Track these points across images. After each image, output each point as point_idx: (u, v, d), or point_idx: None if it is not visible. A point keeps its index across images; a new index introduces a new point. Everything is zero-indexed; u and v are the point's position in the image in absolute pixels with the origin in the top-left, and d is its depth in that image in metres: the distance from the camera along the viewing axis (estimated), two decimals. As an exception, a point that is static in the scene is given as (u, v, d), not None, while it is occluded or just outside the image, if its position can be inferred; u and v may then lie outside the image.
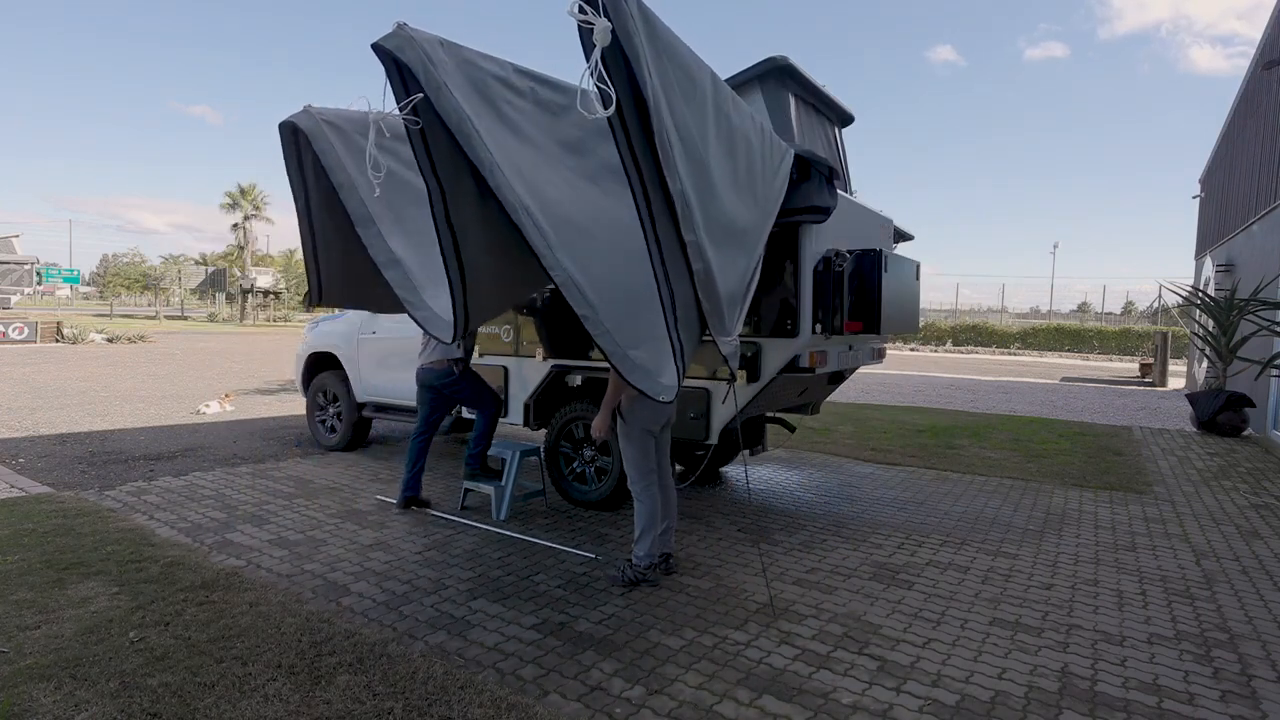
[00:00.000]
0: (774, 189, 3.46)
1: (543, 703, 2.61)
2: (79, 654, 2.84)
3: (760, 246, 3.35)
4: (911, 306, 5.14)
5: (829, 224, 4.15)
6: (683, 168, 2.34)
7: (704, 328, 2.92)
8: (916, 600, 3.65)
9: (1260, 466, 7.30)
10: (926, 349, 32.21)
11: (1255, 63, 11.80)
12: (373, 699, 2.59)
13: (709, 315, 2.80)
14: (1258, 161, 10.90)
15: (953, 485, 6.19)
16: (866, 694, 2.74)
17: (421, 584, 3.69)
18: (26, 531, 4.26)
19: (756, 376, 4.31)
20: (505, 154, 2.44)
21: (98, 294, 61.56)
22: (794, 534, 4.68)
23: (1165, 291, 36.96)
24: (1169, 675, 2.95)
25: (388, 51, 2.32)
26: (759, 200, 3.30)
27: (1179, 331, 24.63)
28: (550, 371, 5.20)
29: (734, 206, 2.92)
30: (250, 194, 42.08)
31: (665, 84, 2.20)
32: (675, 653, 3.02)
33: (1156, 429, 9.83)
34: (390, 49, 2.30)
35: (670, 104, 2.24)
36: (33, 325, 19.72)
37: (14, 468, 5.90)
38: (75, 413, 8.72)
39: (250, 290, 41.45)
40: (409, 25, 2.34)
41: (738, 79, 4.64)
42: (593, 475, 5.12)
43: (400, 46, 2.30)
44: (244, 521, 4.63)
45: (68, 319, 23.64)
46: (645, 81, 2.06)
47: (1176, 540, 4.76)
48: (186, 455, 6.57)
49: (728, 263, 2.86)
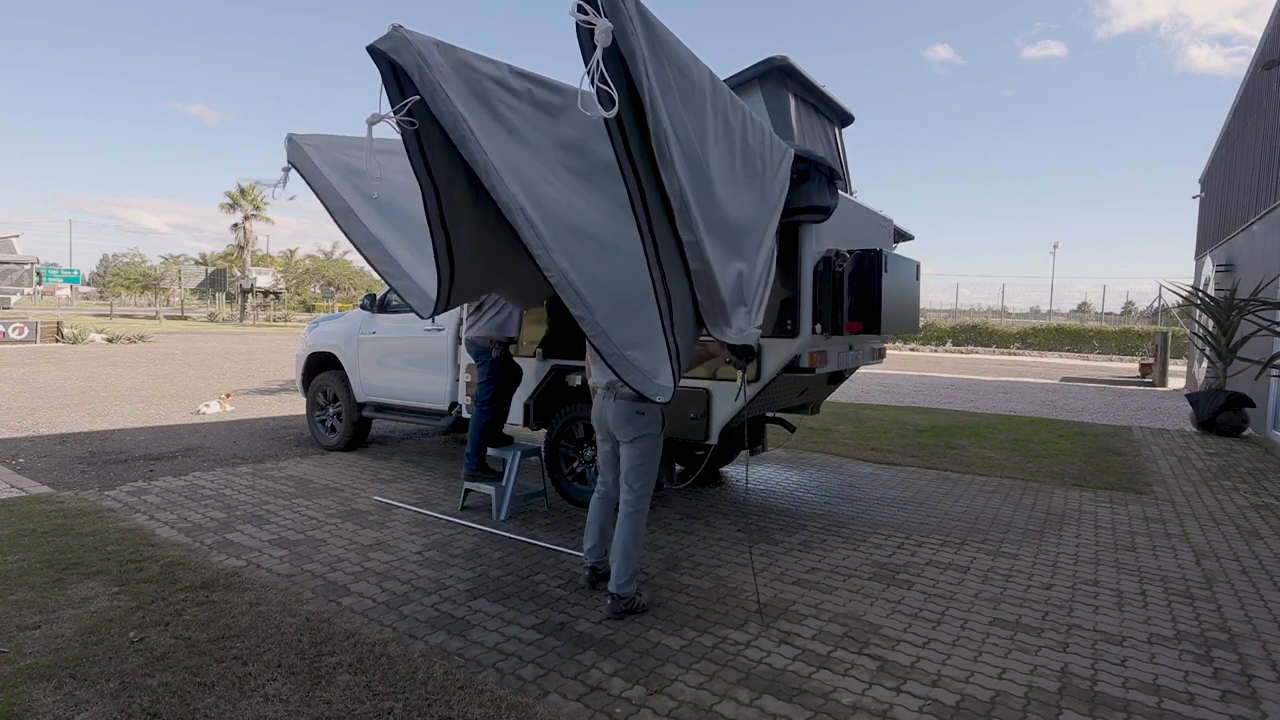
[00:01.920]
0: (776, 187, 3.47)
1: (543, 703, 2.61)
2: (79, 654, 2.84)
3: (768, 242, 3.38)
4: (911, 306, 5.14)
5: (829, 224, 4.15)
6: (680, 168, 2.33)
7: (701, 327, 2.92)
8: (916, 600, 3.65)
9: (1260, 466, 7.30)
10: (926, 349, 32.21)
11: (1255, 62, 11.80)
12: (373, 699, 2.59)
13: (708, 314, 2.80)
14: (1258, 161, 10.90)
15: (953, 485, 6.19)
16: (866, 694, 2.74)
17: (421, 584, 3.69)
18: (26, 531, 4.26)
19: (756, 376, 4.31)
20: (501, 155, 2.43)
21: (98, 294, 61.54)
22: (794, 534, 4.68)
23: (1165, 291, 36.95)
24: (1169, 675, 2.95)
25: (383, 53, 2.30)
26: (765, 197, 3.31)
27: (1179, 331, 24.64)
28: (550, 371, 5.20)
29: (735, 206, 2.92)
30: (250, 194, 42.05)
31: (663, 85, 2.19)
32: (675, 653, 3.02)
33: (1156, 429, 9.83)
34: (385, 50, 2.29)
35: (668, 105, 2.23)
36: (33, 325, 19.72)
37: (14, 468, 5.90)
38: (75, 413, 8.72)
39: (250, 290, 41.46)
40: (405, 27, 2.33)
41: (738, 79, 4.64)
42: (593, 475, 5.11)
43: (395, 48, 2.29)
44: (244, 521, 4.63)
45: (68, 319, 23.63)
46: (642, 83, 2.04)
47: (1176, 540, 4.76)
48: (186, 455, 6.57)
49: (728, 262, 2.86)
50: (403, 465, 6.40)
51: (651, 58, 2.10)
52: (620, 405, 3.31)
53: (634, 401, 3.26)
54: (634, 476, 3.37)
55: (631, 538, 3.34)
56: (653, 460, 3.38)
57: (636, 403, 3.26)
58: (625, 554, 3.32)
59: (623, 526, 3.37)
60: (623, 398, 3.29)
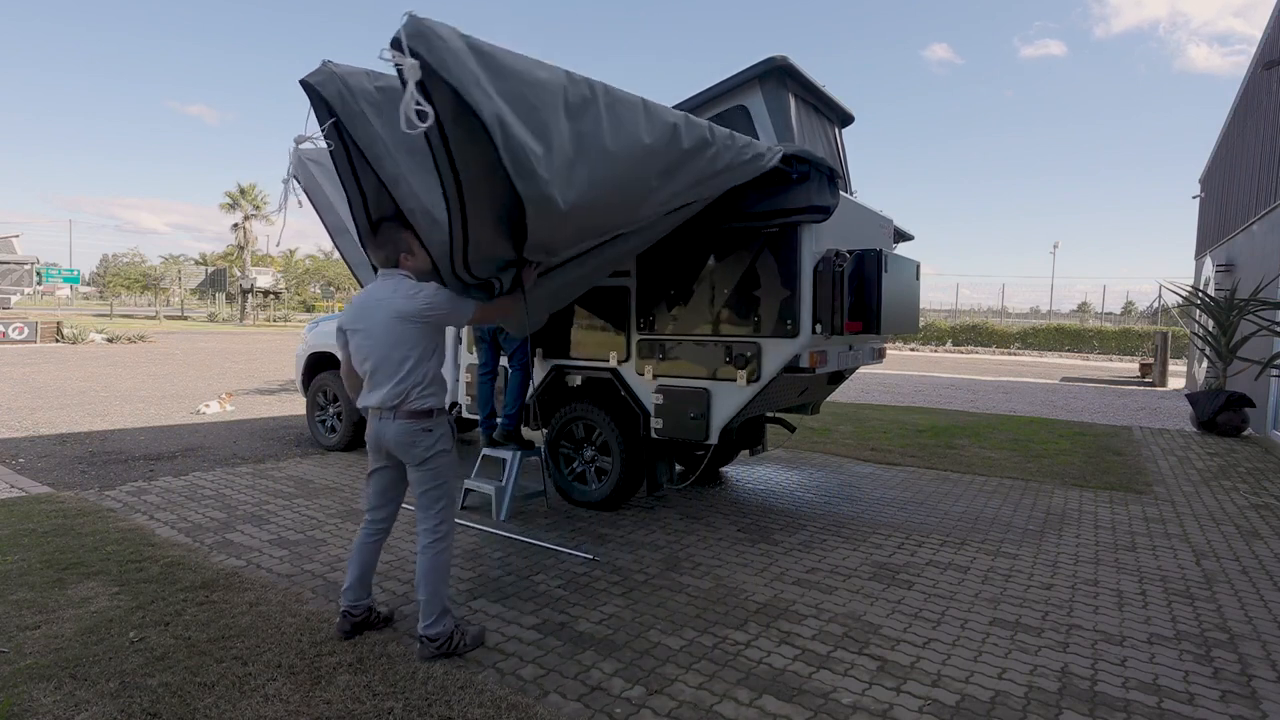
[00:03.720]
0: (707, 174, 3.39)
1: (543, 703, 2.61)
2: (79, 654, 2.84)
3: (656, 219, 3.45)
4: (911, 306, 5.14)
5: (829, 224, 4.15)
6: (544, 169, 2.47)
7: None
8: (916, 600, 3.65)
9: (1260, 466, 7.30)
10: (926, 349, 32.21)
11: (1255, 62, 11.80)
12: (373, 699, 2.59)
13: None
14: (1258, 161, 10.90)
15: (953, 485, 6.19)
16: (866, 694, 2.74)
17: (421, 584, 3.69)
18: (26, 531, 4.26)
19: (756, 376, 4.31)
20: (411, 166, 2.74)
21: (98, 294, 61.55)
22: (794, 534, 4.68)
23: (1165, 291, 36.97)
24: (1169, 675, 2.95)
25: (311, 86, 2.65)
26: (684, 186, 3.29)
27: (1179, 331, 24.64)
28: (550, 371, 5.21)
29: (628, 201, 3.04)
30: (250, 194, 42.07)
31: (507, 96, 2.35)
32: (675, 653, 3.02)
33: (1156, 429, 9.83)
34: (313, 84, 2.65)
35: (518, 113, 2.39)
36: (33, 325, 19.72)
37: (14, 468, 5.90)
38: (75, 413, 8.72)
39: (250, 290, 41.47)
40: (333, 62, 2.69)
41: (738, 79, 4.64)
42: (593, 475, 5.12)
43: (321, 82, 2.64)
44: (244, 521, 4.63)
45: (68, 319, 23.63)
46: (480, 104, 2.23)
47: (1176, 540, 4.76)
48: (186, 455, 6.57)
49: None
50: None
51: (491, 80, 2.30)
52: (401, 425, 2.89)
53: (417, 419, 2.91)
54: (431, 499, 2.97)
55: (436, 570, 2.93)
56: (449, 479, 3.03)
57: (421, 419, 2.91)
58: (432, 589, 2.90)
59: (425, 558, 2.94)
60: (403, 416, 2.89)
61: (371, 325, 2.91)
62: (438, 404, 2.98)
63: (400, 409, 2.89)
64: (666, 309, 4.63)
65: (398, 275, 2.95)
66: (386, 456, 3.03)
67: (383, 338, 2.88)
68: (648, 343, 4.71)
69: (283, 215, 3.06)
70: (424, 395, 2.92)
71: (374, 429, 2.97)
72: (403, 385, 2.88)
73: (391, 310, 2.86)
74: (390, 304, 2.87)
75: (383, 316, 2.88)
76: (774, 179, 4.02)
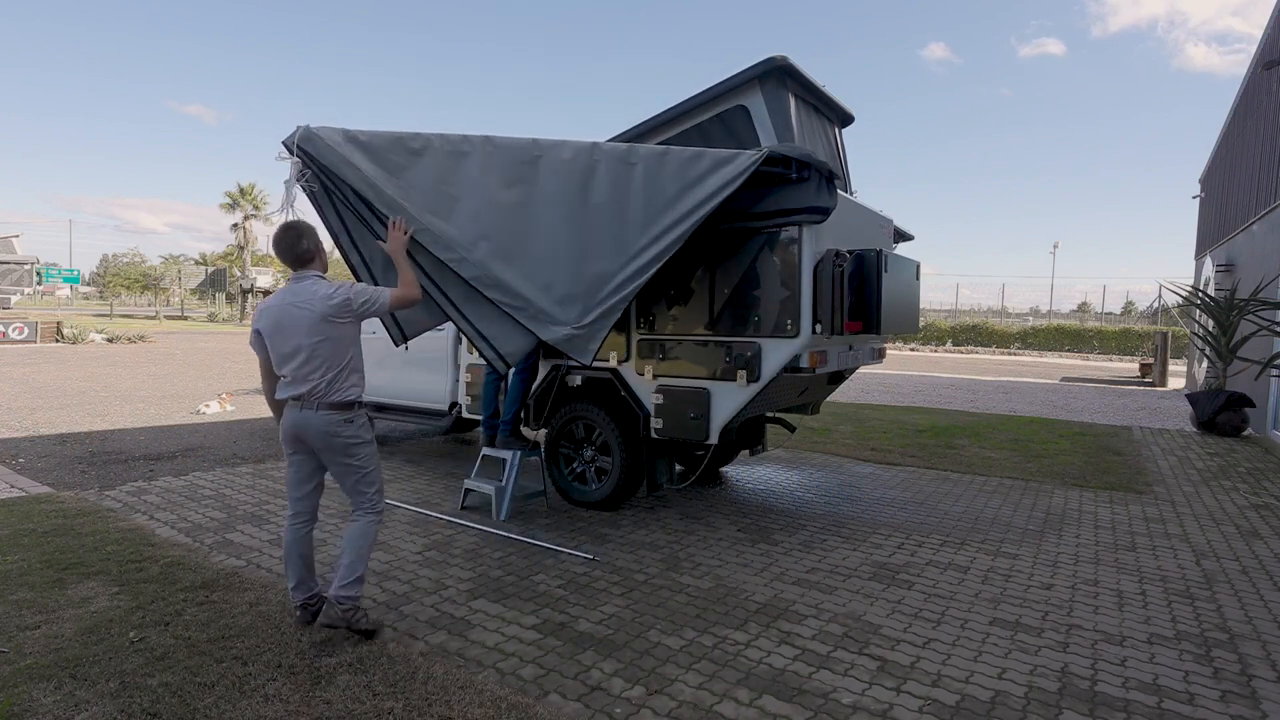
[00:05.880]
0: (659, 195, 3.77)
1: (543, 703, 2.61)
2: (79, 654, 2.84)
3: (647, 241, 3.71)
4: (911, 306, 5.14)
5: (829, 224, 4.15)
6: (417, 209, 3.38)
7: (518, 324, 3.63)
8: (916, 600, 3.65)
9: (1260, 466, 7.30)
10: (926, 349, 32.22)
11: (1255, 62, 11.80)
12: (373, 699, 2.59)
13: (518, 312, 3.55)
14: (1258, 161, 10.90)
15: (953, 485, 6.19)
16: (866, 694, 2.74)
17: (421, 584, 3.69)
18: (26, 531, 4.26)
19: (756, 376, 4.31)
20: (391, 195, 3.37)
21: (98, 294, 61.49)
22: (794, 534, 4.68)
23: (1165, 291, 36.95)
24: (1169, 675, 2.95)
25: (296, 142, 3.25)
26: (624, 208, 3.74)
27: (1179, 331, 24.64)
28: (550, 371, 5.20)
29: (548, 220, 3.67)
30: (250, 194, 42.07)
31: (389, 166, 3.38)
32: (675, 653, 3.02)
33: (1156, 429, 9.83)
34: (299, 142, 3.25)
35: (400, 180, 3.39)
36: (33, 325, 19.72)
37: (14, 468, 5.90)
38: (75, 413, 8.72)
39: (250, 290, 41.45)
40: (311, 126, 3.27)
41: (738, 79, 4.64)
42: (593, 475, 5.12)
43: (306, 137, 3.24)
44: (244, 521, 4.63)
45: (68, 319, 23.62)
46: (355, 176, 3.27)
47: (1176, 540, 4.76)
48: (186, 455, 6.57)
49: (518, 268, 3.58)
50: (403, 465, 6.40)
51: (367, 160, 3.32)
52: (324, 416, 2.98)
53: (339, 410, 3.01)
54: (364, 485, 3.11)
55: (364, 537, 3.09)
56: (374, 466, 3.14)
57: (343, 410, 3.01)
58: (356, 553, 3.04)
59: (357, 525, 3.11)
60: (325, 408, 2.98)
61: (294, 327, 2.98)
62: (358, 396, 3.10)
63: (323, 401, 3.00)
64: (666, 309, 4.63)
65: (311, 276, 3.09)
66: (308, 451, 3.11)
67: (305, 338, 2.97)
68: (648, 343, 4.71)
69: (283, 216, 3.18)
70: (347, 388, 3.05)
71: (293, 419, 3.04)
72: (325, 378, 2.99)
73: (313, 311, 2.97)
74: (311, 305, 2.97)
75: (304, 316, 2.97)
76: (773, 180, 4.02)
